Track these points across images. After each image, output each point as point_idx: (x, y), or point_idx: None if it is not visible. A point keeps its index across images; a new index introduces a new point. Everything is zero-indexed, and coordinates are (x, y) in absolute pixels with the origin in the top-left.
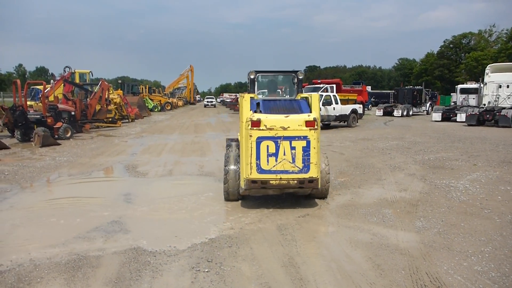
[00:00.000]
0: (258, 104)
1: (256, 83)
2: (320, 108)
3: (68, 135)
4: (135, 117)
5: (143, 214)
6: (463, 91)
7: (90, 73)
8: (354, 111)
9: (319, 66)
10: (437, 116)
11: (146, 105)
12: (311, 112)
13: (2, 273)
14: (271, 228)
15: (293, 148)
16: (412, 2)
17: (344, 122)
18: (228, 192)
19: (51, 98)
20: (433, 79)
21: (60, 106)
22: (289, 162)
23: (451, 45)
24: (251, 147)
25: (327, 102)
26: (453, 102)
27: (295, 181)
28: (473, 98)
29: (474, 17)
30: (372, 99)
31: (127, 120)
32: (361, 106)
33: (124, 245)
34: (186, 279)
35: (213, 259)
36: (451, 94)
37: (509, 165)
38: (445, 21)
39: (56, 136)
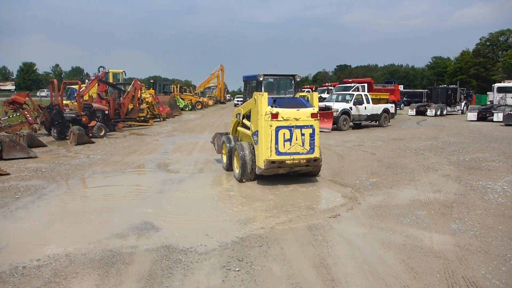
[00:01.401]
0: (274, 100)
1: (263, 84)
2: (351, 108)
3: (102, 133)
4: (166, 116)
5: (175, 212)
6: (501, 89)
7: (123, 72)
8: (386, 110)
9: (350, 65)
10: (472, 115)
11: (177, 104)
12: (313, 106)
13: (39, 268)
14: (301, 228)
15: (302, 134)
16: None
17: (376, 122)
18: (246, 174)
19: (86, 97)
20: (468, 77)
21: (95, 105)
22: (300, 145)
23: (487, 43)
24: (271, 135)
25: (358, 102)
26: (490, 101)
27: (304, 161)
28: (511, 97)
29: None
30: (404, 99)
31: (158, 119)
32: (393, 105)
33: (156, 243)
34: (217, 278)
35: (243, 258)
36: (487, 93)
37: None
38: (481, 18)
39: (90, 135)
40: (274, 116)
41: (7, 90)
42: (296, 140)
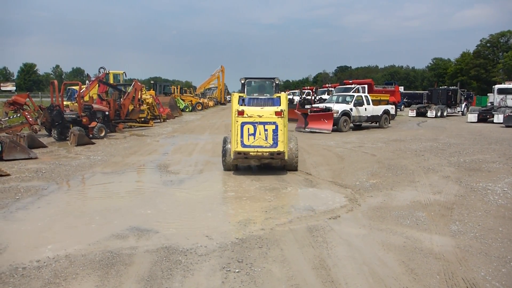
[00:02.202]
0: (243, 100)
1: (245, 86)
2: (352, 109)
3: (102, 134)
4: (166, 117)
5: (175, 213)
6: (501, 91)
7: (124, 73)
8: (386, 111)
9: (350, 67)
10: (473, 117)
11: (178, 105)
12: (280, 105)
13: (39, 269)
14: (301, 229)
15: (266, 130)
16: (447, 1)
17: (376, 123)
18: (226, 162)
19: (86, 98)
20: (468, 79)
21: (95, 106)
22: (263, 139)
23: (488, 44)
24: (237, 129)
25: (358, 103)
26: (490, 102)
27: (267, 153)
28: (511, 99)
29: None
30: (404, 100)
31: (159, 120)
32: (394, 106)
33: (156, 244)
34: (217, 279)
35: (243, 260)
36: (488, 94)
37: None
38: (482, 20)
39: (91, 136)
40: (240, 113)
41: (7, 91)
42: (260, 134)
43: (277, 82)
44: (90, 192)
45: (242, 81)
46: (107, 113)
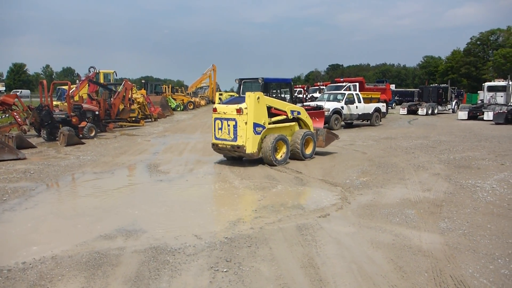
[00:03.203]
0: (220, 99)
1: (241, 86)
2: (343, 107)
3: (92, 134)
4: (158, 116)
5: (164, 213)
6: (491, 89)
7: (114, 73)
8: (377, 109)
9: (342, 65)
10: (463, 114)
11: (169, 104)
12: (244, 104)
13: (24, 270)
14: (291, 228)
15: (228, 125)
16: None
17: (367, 121)
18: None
19: (76, 98)
20: (459, 77)
21: (85, 105)
22: (227, 133)
23: (478, 42)
24: (212, 124)
25: (349, 101)
26: (480, 100)
27: (229, 146)
28: (501, 96)
29: (503, 13)
30: (396, 98)
31: (150, 120)
32: (385, 104)
33: (144, 244)
34: (205, 279)
35: (232, 259)
36: (478, 92)
37: None
38: (472, 18)
39: (81, 136)
40: (214, 110)
41: None
42: (225, 129)
43: (260, 82)
44: (78, 192)
45: (237, 82)
46: (97, 112)
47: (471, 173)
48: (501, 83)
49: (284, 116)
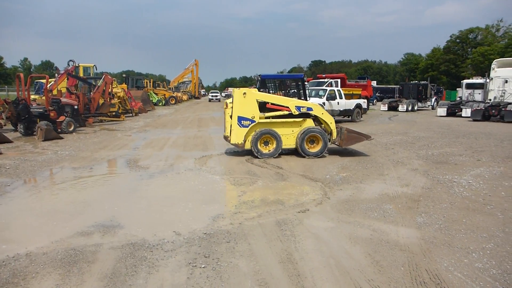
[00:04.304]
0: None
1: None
2: (324, 103)
3: (71, 129)
4: (139, 111)
5: (142, 208)
6: (469, 86)
7: (94, 67)
8: (358, 106)
9: (325, 61)
10: (442, 111)
11: (151, 99)
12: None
13: None
14: (270, 223)
15: (225, 118)
16: None
17: (348, 117)
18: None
19: (55, 92)
20: (439, 74)
21: (63, 100)
22: (229, 127)
23: (457, 40)
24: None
25: (331, 97)
26: (459, 97)
27: (225, 137)
28: (479, 93)
29: (482, 12)
30: (377, 94)
31: (130, 114)
32: (366, 101)
33: (121, 240)
34: (182, 275)
35: (210, 255)
36: (457, 89)
37: None
38: (452, 16)
39: (59, 130)
40: (226, 105)
41: None
42: (226, 122)
43: (258, 79)
44: (55, 188)
45: (257, 78)
46: (76, 107)
47: (448, 168)
48: (479, 80)
49: (286, 112)
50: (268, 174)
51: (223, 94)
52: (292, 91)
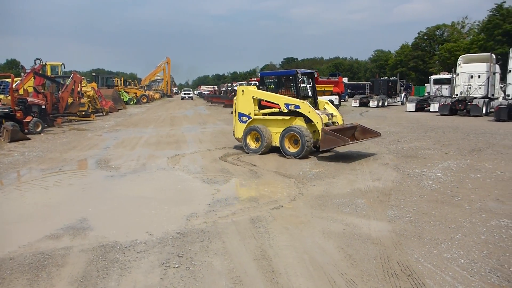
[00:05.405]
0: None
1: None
2: None
3: (39, 129)
4: (109, 110)
5: (114, 209)
6: (436, 81)
7: (62, 65)
8: (330, 102)
9: (297, 58)
10: (411, 106)
11: (121, 98)
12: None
13: None
14: (244, 221)
15: (234, 113)
16: None
17: None
18: None
19: (21, 91)
20: (408, 70)
21: (30, 99)
22: (233, 123)
23: (425, 37)
24: None
25: None
26: (427, 92)
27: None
28: (446, 89)
29: (448, 9)
30: (348, 90)
31: (101, 114)
32: (338, 97)
33: (92, 243)
34: (155, 276)
35: (184, 254)
36: (425, 84)
37: (479, 153)
38: (420, 13)
39: (26, 131)
40: None
41: None
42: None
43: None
44: (22, 191)
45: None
46: (43, 106)
47: (417, 162)
48: (445, 76)
49: (278, 109)
50: (241, 171)
51: (196, 92)
52: (301, 87)
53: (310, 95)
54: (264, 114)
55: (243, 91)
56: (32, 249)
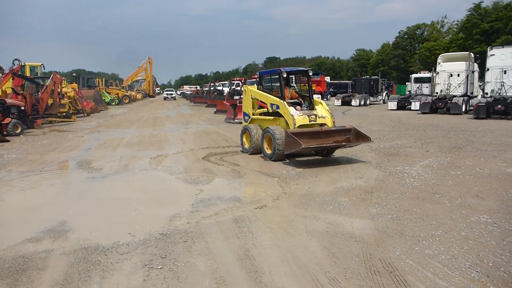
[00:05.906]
0: None
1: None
2: None
3: (18, 131)
4: (91, 111)
5: (96, 211)
6: (417, 80)
7: (42, 66)
8: None
9: (279, 58)
10: (392, 105)
11: (103, 98)
12: None
13: None
14: (227, 221)
15: None
16: None
17: None
18: None
19: None
20: (389, 69)
21: (9, 101)
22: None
23: (405, 36)
24: None
25: None
26: (408, 91)
27: None
28: (427, 87)
29: (428, 9)
30: (330, 89)
31: (82, 115)
32: (320, 96)
33: (74, 245)
34: (138, 278)
35: (167, 255)
36: (406, 83)
37: (459, 151)
38: (400, 13)
39: (5, 133)
40: None
41: None
42: None
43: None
44: (2, 194)
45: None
46: (23, 108)
47: (399, 160)
48: (426, 74)
49: (266, 109)
50: (224, 171)
51: (178, 92)
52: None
53: (306, 94)
54: (261, 114)
55: (245, 90)
56: (12, 252)
